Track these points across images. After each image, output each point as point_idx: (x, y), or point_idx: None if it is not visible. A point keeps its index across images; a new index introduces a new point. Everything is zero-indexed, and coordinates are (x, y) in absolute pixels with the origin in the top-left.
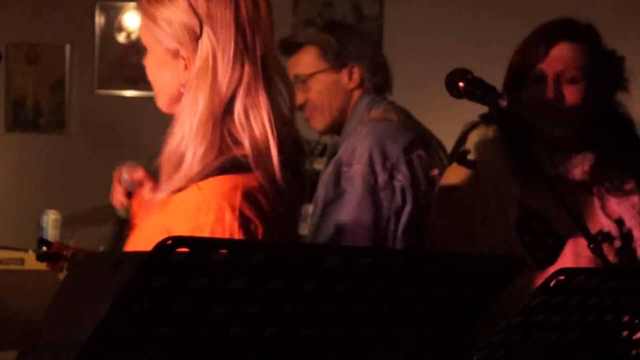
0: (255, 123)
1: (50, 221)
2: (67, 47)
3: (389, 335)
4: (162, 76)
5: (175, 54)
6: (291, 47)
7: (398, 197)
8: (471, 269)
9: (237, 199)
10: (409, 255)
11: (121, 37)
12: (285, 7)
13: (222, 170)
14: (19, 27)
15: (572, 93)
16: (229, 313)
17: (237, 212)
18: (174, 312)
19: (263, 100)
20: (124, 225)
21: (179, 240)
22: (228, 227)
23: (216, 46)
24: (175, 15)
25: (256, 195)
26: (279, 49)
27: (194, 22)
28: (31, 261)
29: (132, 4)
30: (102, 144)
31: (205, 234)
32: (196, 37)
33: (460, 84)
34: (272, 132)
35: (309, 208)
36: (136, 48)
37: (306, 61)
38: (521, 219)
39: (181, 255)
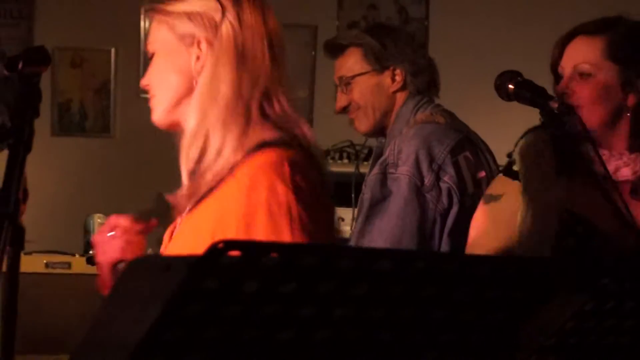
0: (283, 103)
1: (97, 225)
2: (112, 51)
3: (438, 340)
4: (169, 78)
5: (190, 40)
6: (335, 49)
7: (444, 199)
8: (523, 272)
9: (286, 168)
10: (462, 260)
11: None
12: (330, 10)
13: (259, 147)
14: (65, 31)
15: (583, 88)
16: (279, 316)
17: (289, 182)
18: (224, 316)
19: (285, 83)
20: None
21: (231, 244)
22: (284, 199)
23: (239, 29)
24: (195, 5)
25: (300, 164)
26: (324, 51)
27: (215, 7)
28: (78, 265)
29: None
30: (147, 148)
31: (262, 212)
32: (216, 23)
33: (510, 86)
34: (297, 111)
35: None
36: None
37: (349, 63)
38: (565, 223)
39: (232, 259)
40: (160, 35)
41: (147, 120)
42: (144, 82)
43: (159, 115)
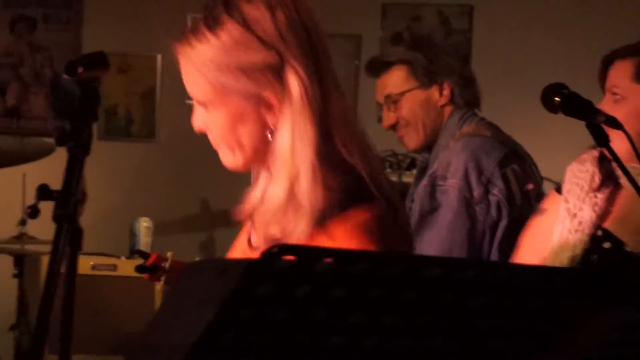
0: (358, 149)
1: (143, 228)
2: (158, 57)
3: (484, 348)
4: (239, 131)
5: (256, 100)
6: (380, 66)
7: (493, 211)
8: (570, 283)
9: (374, 228)
10: (510, 269)
11: None
12: (374, 21)
13: (346, 205)
14: (112, 37)
15: (615, 111)
16: (330, 322)
17: (377, 242)
18: (276, 320)
19: (356, 123)
20: None
21: (286, 248)
22: None
23: (303, 75)
24: (248, 56)
25: (386, 218)
26: (367, 68)
27: (272, 57)
28: (124, 267)
29: None
30: (191, 153)
31: None
32: (279, 72)
33: (557, 98)
34: (374, 156)
35: None
36: None
37: (396, 80)
38: (596, 239)
39: (286, 263)
40: (209, 88)
41: (191, 125)
42: (200, 127)
43: (235, 165)
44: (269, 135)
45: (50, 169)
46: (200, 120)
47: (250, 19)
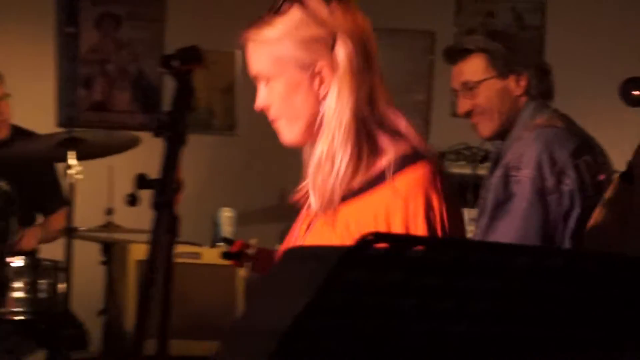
0: (400, 118)
1: (225, 218)
2: (238, 53)
3: (571, 335)
4: (295, 103)
5: (311, 70)
6: (458, 54)
7: (566, 202)
8: None
9: (438, 181)
10: (599, 258)
11: None
12: (448, 16)
13: (403, 163)
14: (194, 34)
15: None
16: (421, 308)
17: (441, 194)
18: (369, 306)
19: (391, 99)
20: None
21: (380, 236)
22: (438, 210)
23: (352, 51)
24: (305, 32)
25: (443, 175)
26: (445, 55)
27: (326, 32)
28: (207, 255)
29: None
30: (269, 145)
31: (421, 220)
32: (330, 47)
33: (635, 92)
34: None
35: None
36: None
37: (474, 68)
38: None
39: (379, 251)
40: (268, 68)
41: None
42: (261, 103)
43: (292, 138)
44: (321, 108)
45: (136, 161)
46: (262, 98)
47: (309, 5)
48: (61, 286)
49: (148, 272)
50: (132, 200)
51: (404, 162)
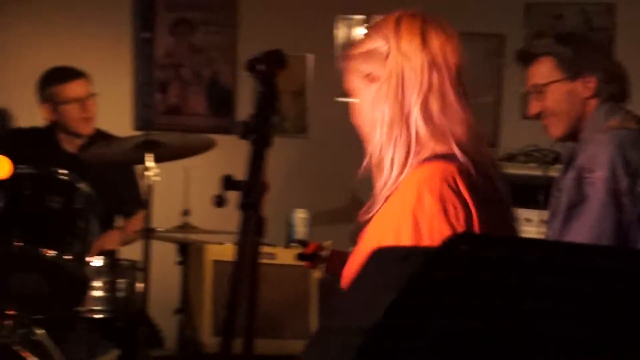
0: (448, 122)
1: (299, 219)
2: (309, 57)
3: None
4: (367, 115)
5: (371, 77)
6: (527, 57)
7: None
8: None
9: (435, 181)
10: None
11: None
12: (517, 21)
13: (422, 162)
14: (265, 38)
15: None
16: (505, 308)
17: (437, 194)
18: (453, 306)
19: (453, 104)
20: None
21: (463, 237)
22: (428, 210)
23: (401, 59)
24: (370, 45)
25: (455, 179)
26: (515, 59)
27: (382, 44)
28: (281, 256)
29: (369, 17)
30: (340, 148)
31: (407, 216)
32: (384, 56)
33: None
34: (466, 131)
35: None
36: None
37: (543, 71)
38: None
39: (464, 251)
40: (352, 77)
41: (340, 122)
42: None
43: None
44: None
45: (211, 163)
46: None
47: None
48: (139, 285)
49: (236, 272)
50: (220, 202)
51: (417, 165)
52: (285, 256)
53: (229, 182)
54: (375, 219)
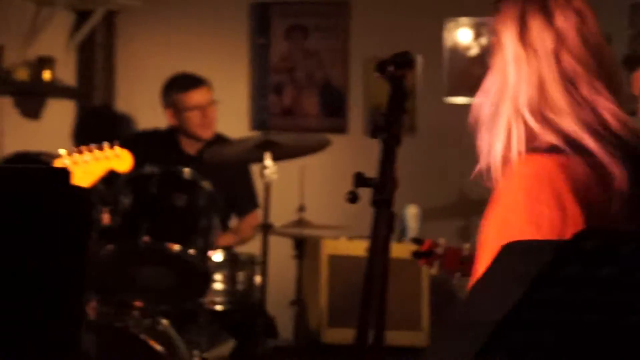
0: (557, 119)
1: (411, 215)
2: (418, 59)
3: None
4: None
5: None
6: (635, 61)
7: None
8: None
9: (537, 176)
10: None
11: (468, 50)
12: (622, 21)
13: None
14: (376, 42)
15: None
16: (634, 302)
17: (546, 187)
18: (581, 299)
19: (563, 98)
20: None
21: (591, 231)
22: (535, 201)
23: (507, 54)
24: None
25: (555, 173)
26: (624, 63)
27: (494, 39)
28: (395, 250)
29: (476, 19)
30: (448, 146)
31: (520, 209)
32: (499, 50)
33: None
34: (580, 126)
35: None
36: (480, 60)
37: None
38: None
39: (592, 246)
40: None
41: (449, 122)
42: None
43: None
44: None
45: (325, 162)
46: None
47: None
48: (257, 279)
49: (369, 267)
50: (353, 198)
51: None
52: (398, 250)
53: (360, 179)
54: (486, 212)
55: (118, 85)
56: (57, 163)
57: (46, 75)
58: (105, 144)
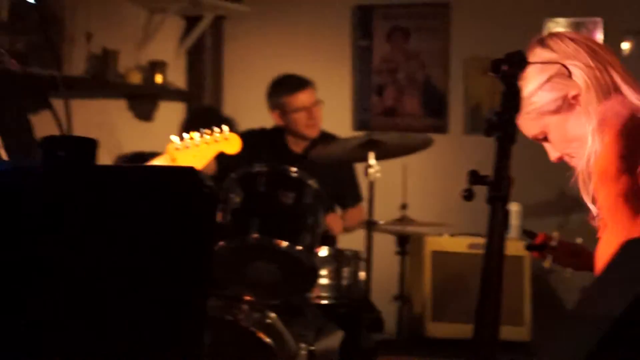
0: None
1: (513, 212)
2: None
3: None
4: None
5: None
6: None
7: None
8: None
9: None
10: None
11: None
12: None
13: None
14: (475, 42)
15: None
16: None
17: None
18: None
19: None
20: None
21: None
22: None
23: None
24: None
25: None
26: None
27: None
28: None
29: (575, 19)
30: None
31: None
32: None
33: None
34: None
35: None
36: None
37: None
38: None
39: None
40: None
41: None
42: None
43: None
44: None
45: (426, 161)
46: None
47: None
48: (361, 274)
49: (486, 263)
50: (469, 195)
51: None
52: (511, 247)
53: (475, 177)
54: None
55: (225, 88)
56: (169, 148)
57: (158, 78)
58: (215, 128)
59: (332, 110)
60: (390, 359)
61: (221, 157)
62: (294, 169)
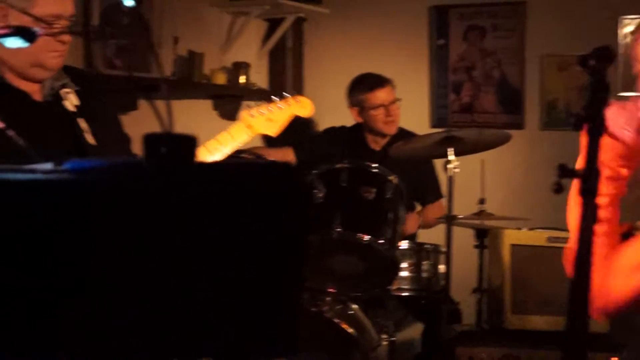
0: None
1: None
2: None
3: None
4: None
5: None
6: None
7: None
8: None
9: None
10: None
11: None
12: None
13: None
14: (551, 40)
15: None
16: None
17: None
18: None
19: None
20: None
21: None
22: None
23: None
24: None
25: None
26: None
27: None
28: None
29: None
30: None
31: None
32: None
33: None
34: None
35: None
36: None
37: None
38: None
39: None
40: None
41: None
42: None
43: None
44: None
45: (504, 156)
46: None
47: None
48: (441, 267)
49: (578, 256)
50: (559, 189)
51: None
52: None
53: (565, 170)
54: None
55: (305, 87)
56: (244, 115)
57: (241, 79)
58: (287, 95)
59: (411, 108)
60: (470, 349)
61: (301, 153)
62: (375, 165)
